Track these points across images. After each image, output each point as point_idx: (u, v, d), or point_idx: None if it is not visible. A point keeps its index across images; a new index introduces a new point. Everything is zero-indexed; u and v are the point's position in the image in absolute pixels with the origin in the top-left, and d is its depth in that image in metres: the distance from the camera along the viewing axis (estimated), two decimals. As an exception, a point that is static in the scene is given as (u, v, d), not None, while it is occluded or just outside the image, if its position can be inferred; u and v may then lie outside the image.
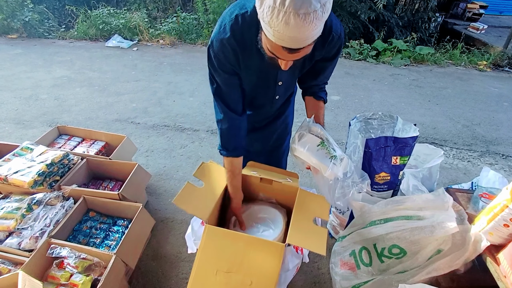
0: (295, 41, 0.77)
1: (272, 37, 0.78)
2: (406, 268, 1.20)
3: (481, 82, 4.30)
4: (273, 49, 0.84)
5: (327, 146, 1.08)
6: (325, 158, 1.06)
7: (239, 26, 0.94)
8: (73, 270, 1.31)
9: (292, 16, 0.71)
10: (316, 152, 1.08)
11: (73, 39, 5.12)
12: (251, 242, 1.06)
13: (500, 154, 2.70)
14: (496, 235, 1.03)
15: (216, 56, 1.00)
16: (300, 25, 0.72)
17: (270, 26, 0.75)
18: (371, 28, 5.22)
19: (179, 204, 1.10)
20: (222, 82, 1.07)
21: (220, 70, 1.03)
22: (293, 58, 0.86)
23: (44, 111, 2.96)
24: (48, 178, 1.60)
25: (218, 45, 0.98)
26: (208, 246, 1.07)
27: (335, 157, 1.06)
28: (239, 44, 0.97)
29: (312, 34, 0.77)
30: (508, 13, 7.46)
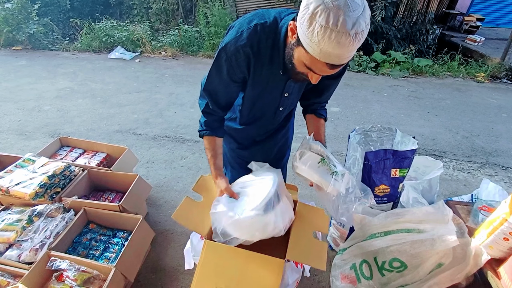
0: (341, 58, 0.82)
1: (318, 54, 0.82)
2: (407, 282, 1.19)
3: (479, 94, 4.33)
4: (312, 65, 0.87)
5: (327, 162, 1.10)
6: (326, 175, 1.08)
7: (257, 35, 0.96)
8: (72, 283, 1.30)
9: (344, 36, 0.75)
10: (317, 169, 1.09)
11: (76, 51, 5.21)
12: (251, 257, 1.05)
13: (500, 166, 2.70)
14: (496, 248, 1.03)
15: (227, 60, 1.01)
16: (349, 44, 0.77)
17: (319, 45, 0.79)
18: (370, 40, 5.30)
19: (178, 219, 1.09)
20: (221, 85, 1.08)
21: (226, 74, 1.04)
22: (331, 72, 0.89)
23: (47, 122, 2.99)
24: (50, 189, 1.60)
25: (233, 50, 0.98)
26: (207, 261, 1.06)
27: (336, 173, 1.07)
28: (254, 53, 0.99)
29: (354, 51, 0.83)
30: (505, 26, 7.58)
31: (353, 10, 0.76)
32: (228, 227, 1.04)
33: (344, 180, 1.09)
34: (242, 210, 1.03)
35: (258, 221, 1.01)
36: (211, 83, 1.11)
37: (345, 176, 1.09)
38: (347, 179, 1.10)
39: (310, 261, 1.04)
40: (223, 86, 1.09)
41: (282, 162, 1.54)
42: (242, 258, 1.06)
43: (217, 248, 1.08)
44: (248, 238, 1.05)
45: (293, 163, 1.16)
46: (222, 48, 1.01)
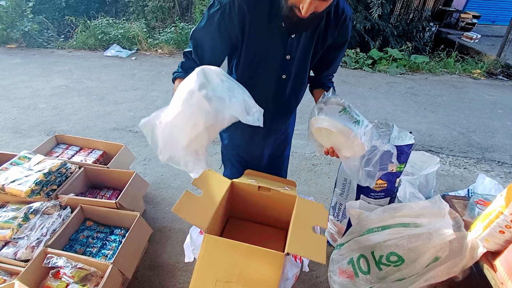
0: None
1: None
2: (405, 276, 1.20)
3: (475, 90, 4.36)
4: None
5: (349, 111, 1.03)
6: (349, 122, 1.00)
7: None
8: (69, 280, 1.29)
9: None
10: (339, 117, 1.01)
11: (72, 48, 5.16)
12: (251, 251, 1.06)
13: (495, 161, 2.72)
14: (492, 241, 1.04)
15: (220, 10, 0.95)
16: None
17: None
18: (367, 37, 5.31)
19: (178, 212, 1.09)
20: (208, 36, 1.01)
21: (216, 26, 0.97)
22: (319, 2, 0.83)
23: (42, 120, 2.96)
24: (46, 187, 1.59)
25: (228, 1, 0.93)
26: (207, 255, 1.06)
27: (359, 122, 1.00)
28: (250, 9, 0.93)
29: None
30: (500, 23, 7.62)
31: None
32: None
33: (367, 131, 1.01)
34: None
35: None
36: (198, 32, 1.03)
37: (369, 128, 1.01)
38: (370, 132, 1.02)
39: (310, 255, 1.04)
40: (209, 39, 1.02)
41: (281, 158, 1.54)
42: (242, 251, 1.06)
43: (217, 242, 1.09)
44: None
45: (310, 120, 1.07)
46: (215, 1, 0.95)
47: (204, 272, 1.04)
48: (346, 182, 1.52)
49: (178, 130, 0.85)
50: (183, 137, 0.86)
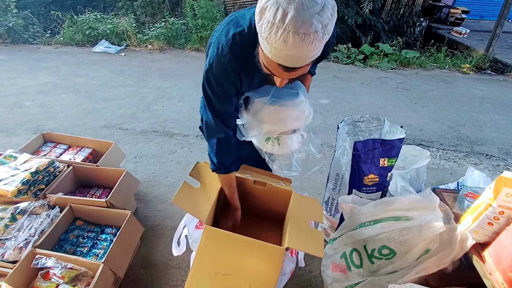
0: (293, 60, 0.75)
1: (269, 53, 0.76)
2: (396, 269, 1.21)
3: (464, 85, 4.42)
4: (268, 65, 0.82)
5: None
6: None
7: (238, 45, 0.91)
8: (59, 280, 1.27)
9: (291, 35, 0.69)
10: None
11: (58, 44, 5.04)
12: (251, 244, 1.05)
13: (484, 154, 2.77)
14: (481, 233, 1.05)
15: (217, 81, 0.97)
16: (298, 45, 0.70)
17: (267, 42, 0.73)
18: (358, 32, 5.32)
19: (177, 203, 1.06)
20: (219, 103, 1.03)
21: (221, 93, 1.00)
22: (288, 76, 0.84)
23: (29, 118, 2.89)
24: (33, 186, 1.56)
25: (219, 69, 0.94)
26: (207, 248, 1.05)
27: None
28: (240, 65, 0.94)
29: (310, 55, 0.75)
30: (489, 18, 7.73)
31: (306, 8, 0.68)
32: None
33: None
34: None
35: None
36: (213, 109, 1.04)
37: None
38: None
39: (309, 249, 1.04)
40: (221, 104, 1.04)
41: None
42: (241, 244, 1.05)
43: (217, 234, 1.07)
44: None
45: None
46: (207, 70, 0.96)
47: (204, 264, 1.03)
48: (339, 177, 1.52)
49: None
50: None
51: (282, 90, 1.10)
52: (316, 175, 2.32)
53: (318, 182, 2.25)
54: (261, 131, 1.15)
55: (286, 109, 1.10)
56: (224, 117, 1.07)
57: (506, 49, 5.83)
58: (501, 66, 5.03)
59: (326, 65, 4.75)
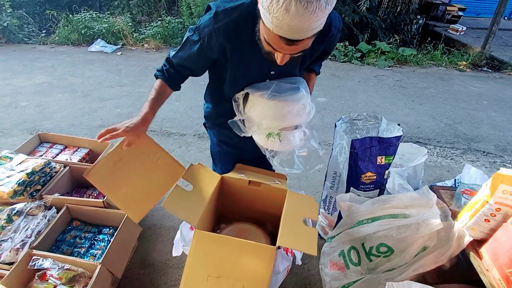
0: (294, 31, 0.73)
1: (271, 24, 0.74)
2: (394, 266, 1.22)
3: (461, 82, 4.44)
4: (270, 39, 0.80)
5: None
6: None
7: (234, 19, 0.90)
8: (57, 281, 1.26)
9: (294, 2, 0.67)
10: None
11: (54, 44, 5.00)
12: (242, 246, 1.05)
13: (481, 151, 2.79)
14: (478, 230, 1.06)
15: (199, 41, 0.96)
16: (301, 13, 0.68)
17: (269, 11, 0.71)
18: (355, 30, 5.32)
19: (168, 208, 1.07)
20: (190, 59, 1.03)
21: (197, 53, 0.99)
22: (290, 51, 0.81)
23: (24, 119, 2.87)
24: (29, 187, 1.54)
25: (206, 32, 0.93)
26: (198, 251, 1.05)
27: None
28: (229, 39, 0.93)
29: (313, 26, 0.73)
30: (485, 15, 7.76)
31: None
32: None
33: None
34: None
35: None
36: (180, 58, 1.05)
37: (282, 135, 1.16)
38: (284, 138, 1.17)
39: (301, 247, 1.04)
40: (190, 60, 1.05)
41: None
42: (233, 246, 1.05)
43: (208, 237, 1.08)
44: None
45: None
46: (196, 27, 0.96)
47: (196, 268, 1.03)
48: (336, 176, 1.52)
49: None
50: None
51: (282, 85, 1.09)
52: (314, 173, 2.32)
53: (316, 181, 2.25)
54: (261, 127, 1.13)
55: (286, 104, 1.07)
56: (186, 66, 1.07)
57: (503, 46, 5.86)
58: (497, 63, 5.05)
59: (323, 63, 4.73)
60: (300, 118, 1.14)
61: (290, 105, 1.08)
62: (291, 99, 1.08)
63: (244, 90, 1.11)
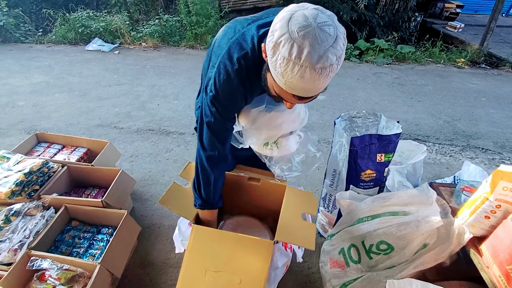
0: (308, 91, 0.76)
1: (284, 85, 0.76)
2: (394, 264, 1.22)
3: (460, 79, 4.44)
4: (281, 94, 0.83)
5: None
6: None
7: (243, 69, 0.91)
8: (56, 282, 1.25)
9: (308, 70, 0.69)
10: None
11: (51, 43, 4.97)
12: (239, 240, 1.06)
13: (480, 148, 2.79)
14: (478, 227, 1.05)
15: (223, 106, 0.96)
16: (315, 79, 0.71)
17: (283, 76, 0.73)
18: (354, 28, 5.31)
19: (164, 204, 1.08)
20: (220, 123, 1.01)
21: (225, 115, 0.99)
22: (301, 102, 0.86)
23: (22, 118, 2.85)
24: (27, 187, 1.53)
25: (227, 95, 0.93)
26: (196, 246, 1.06)
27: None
28: (247, 88, 0.95)
29: (324, 85, 0.77)
30: (483, 12, 7.76)
31: (321, 42, 0.68)
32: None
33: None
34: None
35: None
36: (212, 128, 1.02)
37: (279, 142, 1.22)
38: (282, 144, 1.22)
39: (299, 242, 1.05)
40: (228, 127, 1.05)
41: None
42: (230, 241, 1.06)
43: (205, 232, 1.08)
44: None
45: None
46: (214, 96, 0.94)
47: (193, 262, 1.04)
48: (336, 173, 1.52)
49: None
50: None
51: None
52: (313, 171, 2.31)
53: (316, 179, 2.24)
54: (259, 138, 1.18)
55: (281, 114, 1.12)
56: (223, 136, 1.06)
57: (501, 43, 5.86)
58: (495, 60, 5.06)
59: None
60: (295, 124, 1.19)
61: (286, 115, 1.13)
62: (285, 109, 1.11)
63: None
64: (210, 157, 1.06)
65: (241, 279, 1.00)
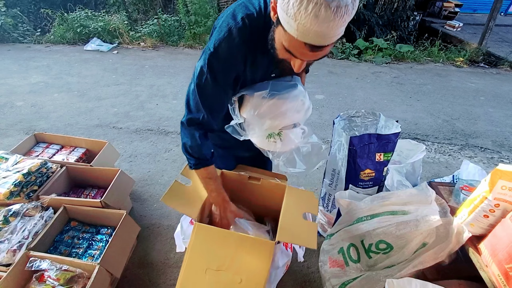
0: (321, 36, 0.72)
1: (295, 31, 0.73)
2: (393, 263, 1.22)
3: (458, 78, 4.44)
4: (291, 47, 0.78)
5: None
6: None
7: (247, 28, 0.87)
8: (55, 283, 1.25)
9: (324, 8, 0.66)
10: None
11: (49, 43, 4.96)
12: (241, 240, 1.05)
13: (478, 147, 2.79)
14: (477, 226, 1.06)
15: (220, 65, 0.91)
16: (330, 19, 0.68)
17: (295, 19, 0.70)
18: (353, 27, 5.31)
19: (167, 202, 1.07)
20: (214, 88, 0.96)
21: (220, 79, 0.94)
22: (312, 57, 0.81)
23: (20, 119, 2.84)
24: (26, 188, 1.53)
25: (226, 53, 0.89)
26: (198, 244, 1.05)
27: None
28: (249, 48, 0.90)
29: (339, 31, 0.73)
30: (481, 11, 7.76)
31: None
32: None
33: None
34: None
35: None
36: (205, 94, 0.97)
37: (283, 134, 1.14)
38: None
39: (301, 241, 1.04)
40: (219, 96, 0.99)
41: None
42: (232, 240, 1.05)
43: (207, 230, 1.07)
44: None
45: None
46: (212, 54, 0.90)
47: (195, 261, 1.04)
48: (335, 173, 1.52)
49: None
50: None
51: (279, 83, 1.08)
52: (312, 171, 2.32)
53: (315, 178, 2.25)
54: (262, 127, 1.11)
55: (286, 101, 1.07)
56: (212, 104, 1.01)
57: (499, 42, 5.86)
58: (494, 59, 5.06)
59: (321, 60, 4.72)
60: (299, 115, 1.13)
61: (290, 102, 1.07)
62: (289, 96, 1.07)
63: (240, 92, 1.09)
64: (193, 119, 1.02)
65: (242, 278, 1.00)
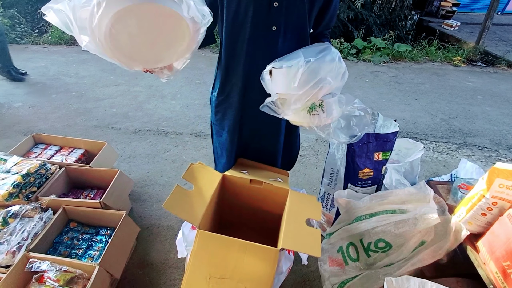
0: None
1: None
2: (392, 261, 1.22)
3: (456, 77, 4.46)
4: None
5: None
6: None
7: None
8: (54, 284, 1.25)
9: None
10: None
11: (47, 44, 4.94)
12: (245, 247, 1.04)
13: (476, 146, 2.81)
14: (475, 224, 1.06)
15: None
16: None
17: None
18: (351, 27, 5.32)
19: (169, 208, 1.05)
20: None
21: None
22: None
23: (18, 120, 2.83)
24: (24, 189, 1.53)
25: None
26: (200, 251, 1.04)
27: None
28: None
29: None
30: (479, 10, 7.79)
31: None
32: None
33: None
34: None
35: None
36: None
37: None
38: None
39: (305, 249, 1.02)
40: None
41: (277, 147, 1.40)
42: (236, 247, 1.04)
43: (211, 238, 1.06)
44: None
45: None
46: None
47: (197, 268, 1.02)
48: (334, 172, 1.53)
49: None
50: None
51: (310, 49, 1.01)
52: (311, 170, 2.33)
53: (314, 178, 2.25)
54: (302, 100, 1.00)
55: (323, 65, 0.98)
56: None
57: (496, 41, 5.89)
58: (491, 58, 5.08)
59: (319, 60, 4.75)
60: (337, 80, 1.05)
61: (328, 65, 0.99)
62: (325, 60, 0.99)
63: (269, 66, 1.01)
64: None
65: (246, 286, 0.99)
